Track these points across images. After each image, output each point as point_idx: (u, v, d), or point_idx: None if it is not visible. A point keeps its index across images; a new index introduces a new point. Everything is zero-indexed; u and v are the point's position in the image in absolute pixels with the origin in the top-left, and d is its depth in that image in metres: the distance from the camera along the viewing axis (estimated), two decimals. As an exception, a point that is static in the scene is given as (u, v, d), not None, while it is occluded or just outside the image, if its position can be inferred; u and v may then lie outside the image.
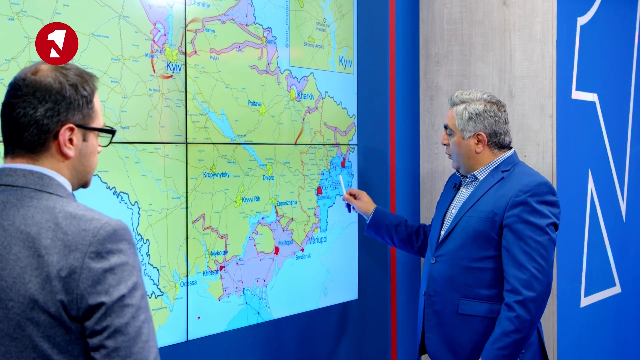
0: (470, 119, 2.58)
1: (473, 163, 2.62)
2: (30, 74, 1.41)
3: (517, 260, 2.44)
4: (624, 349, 4.05)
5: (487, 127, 2.59)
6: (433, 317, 2.60)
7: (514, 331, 2.40)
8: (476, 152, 2.59)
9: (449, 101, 2.66)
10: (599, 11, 3.66)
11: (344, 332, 3.17)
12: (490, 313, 2.51)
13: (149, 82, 2.33)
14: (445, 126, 2.65)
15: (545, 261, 2.44)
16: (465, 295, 2.54)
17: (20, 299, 1.32)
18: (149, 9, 2.33)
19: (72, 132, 1.42)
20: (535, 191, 2.48)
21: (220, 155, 2.57)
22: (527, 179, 2.52)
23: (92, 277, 1.32)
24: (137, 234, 2.29)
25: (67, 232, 1.33)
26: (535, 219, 2.46)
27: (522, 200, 2.47)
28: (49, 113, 1.39)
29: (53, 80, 1.40)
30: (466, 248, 2.54)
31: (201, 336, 2.51)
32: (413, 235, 2.89)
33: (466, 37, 3.41)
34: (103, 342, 1.32)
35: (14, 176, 1.40)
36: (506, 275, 2.46)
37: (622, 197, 4.01)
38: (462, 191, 2.67)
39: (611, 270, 3.90)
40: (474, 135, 2.59)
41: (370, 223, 2.90)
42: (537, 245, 2.44)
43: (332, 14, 3.06)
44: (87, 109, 1.44)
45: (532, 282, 2.41)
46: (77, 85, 1.42)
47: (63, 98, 1.40)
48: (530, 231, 2.44)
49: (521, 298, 2.40)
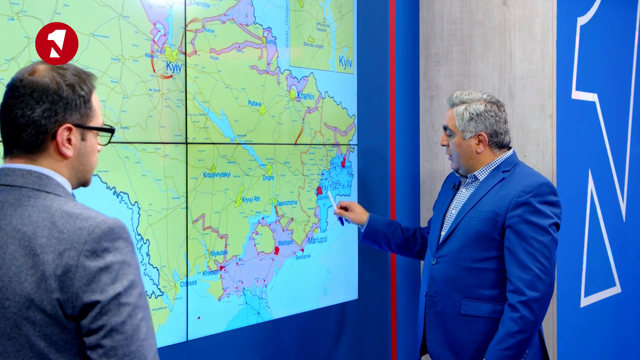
0: (472, 119, 2.58)
1: (474, 163, 2.61)
2: (27, 74, 1.41)
3: (520, 260, 2.44)
4: (624, 349, 4.05)
5: (488, 127, 2.59)
6: (434, 318, 2.60)
7: (518, 332, 2.40)
8: (477, 153, 2.59)
9: (448, 102, 2.65)
10: (599, 11, 3.66)
11: (344, 332, 3.17)
12: (492, 314, 2.51)
13: (149, 82, 2.33)
14: (445, 127, 2.64)
15: (548, 261, 2.44)
16: (467, 295, 2.54)
17: (17, 298, 1.32)
18: (149, 9, 2.33)
19: (70, 132, 1.42)
20: (538, 191, 2.48)
21: (220, 155, 2.57)
22: (529, 179, 2.52)
23: (87, 276, 1.31)
24: (137, 234, 2.29)
25: (63, 231, 1.33)
26: (538, 219, 2.46)
27: (525, 201, 2.47)
28: (46, 113, 1.39)
29: (50, 80, 1.40)
30: (468, 249, 2.53)
31: (201, 336, 2.51)
32: (410, 238, 2.88)
33: (466, 37, 3.41)
34: (100, 341, 1.31)
35: (12, 176, 1.40)
36: (509, 275, 2.46)
37: (622, 197, 4.01)
38: (462, 192, 2.67)
39: (611, 270, 3.90)
40: (475, 136, 2.59)
41: (366, 232, 2.87)
42: (539, 245, 2.44)
43: (332, 14, 3.06)
44: (84, 108, 1.44)
45: (535, 282, 2.41)
46: (74, 85, 1.42)
47: (60, 98, 1.40)
48: (533, 231, 2.45)
49: (525, 298, 2.40)
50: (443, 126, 2.66)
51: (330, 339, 3.11)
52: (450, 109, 2.63)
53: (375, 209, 3.30)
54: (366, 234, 2.87)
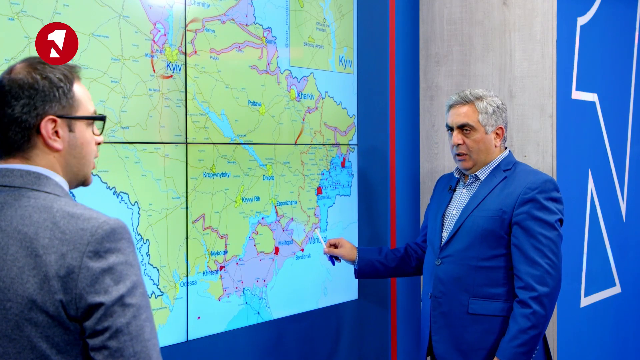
0: (494, 112, 2.61)
1: (489, 159, 2.63)
2: (6, 74, 1.42)
3: (529, 256, 2.46)
4: (624, 349, 4.05)
5: (504, 120, 2.65)
6: (440, 319, 2.59)
7: (531, 327, 2.42)
8: (495, 147, 2.62)
9: (460, 99, 2.61)
10: (599, 11, 3.66)
11: (344, 332, 3.17)
12: (501, 312, 2.51)
13: (149, 82, 2.33)
14: (462, 125, 2.59)
15: (555, 257, 2.48)
16: (475, 294, 2.54)
17: (19, 299, 1.32)
18: (149, 9, 2.33)
19: (56, 124, 1.41)
20: (543, 188, 2.51)
21: (220, 155, 2.57)
22: (533, 176, 2.56)
23: (91, 277, 1.31)
24: (137, 234, 2.29)
25: (65, 232, 1.33)
26: (545, 215, 2.49)
27: (531, 198, 2.50)
28: (25, 109, 1.39)
29: (25, 76, 1.40)
30: (475, 247, 2.54)
31: (201, 336, 2.51)
32: (404, 257, 2.85)
33: (466, 37, 3.41)
34: (105, 342, 1.31)
35: (10, 177, 1.40)
36: (518, 272, 2.48)
37: (622, 197, 4.01)
38: (462, 192, 2.66)
39: (611, 270, 3.90)
40: (494, 130, 2.61)
41: (359, 266, 2.80)
42: (547, 241, 2.47)
43: (332, 14, 3.06)
44: (65, 99, 1.43)
45: (545, 277, 2.44)
46: (51, 77, 1.41)
47: (36, 91, 1.40)
48: (540, 227, 2.48)
49: (536, 294, 2.43)
50: (458, 125, 2.60)
51: (330, 339, 3.11)
52: (466, 105, 2.60)
53: (375, 209, 3.30)
54: (360, 268, 2.81)
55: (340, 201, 3.10)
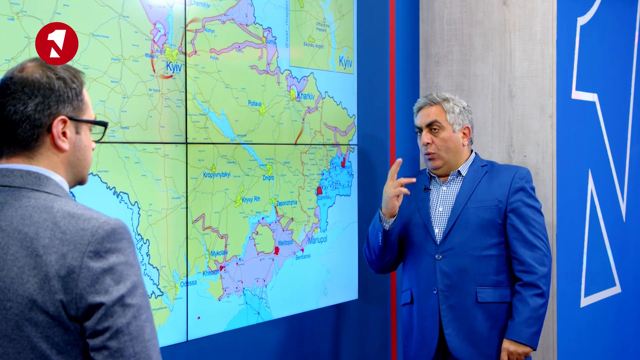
0: (461, 112, 2.77)
1: (458, 158, 2.77)
2: (17, 72, 1.42)
3: (528, 241, 2.65)
4: (624, 349, 4.05)
5: (470, 121, 2.81)
6: (449, 312, 2.67)
7: (542, 305, 2.62)
8: (463, 146, 2.77)
9: (429, 101, 2.78)
10: (599, 11, 3.66)
11: (344, 332, 3.17)
12: (504, 298, 2.67)
13: (149, 82, 2.33)
14: (429, 124, 2.74)
15: (546, 239, 2.70)
16: (481, 283, 2.66)
17: (19, 299, 1.32)
18: (149, 9, 2.33)
19: (65, 125, 1.42)
20: (527, 178, 2.74)
21: (220, 155, 2.57)
22: (515, 168, 2.78)
23: (91, 277, 1.31)
24: (137, 234, 2.29)
25: (66, 232, 1.33)
26: (533, 202, 2.72)
27: (521, 186, 2.71)
28: (39, 107, 1.39)
29: (40, 75, 1.41)
30: (476, 237, 2.67)
31: (201, 336, 2.51)
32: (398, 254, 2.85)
33: (466, 37, 3.41)
34: (105, 342, 1.31)
35: (11, 177, 1.40)
36: (518, 256, 2.65)
37: (622, 197, 4.01)
38: (442, 190, 2.76)
39: (611, 270, 3.90)
40: (461, 129, 2.76)
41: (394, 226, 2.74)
42: (539, 226, 2.69)
43: (332, 14, 3.06)
44: (77, 101, 1.44)
45: (544, 259, 2.64)
46: (66, 78, 1.43)
47: (52, 91, 1.41)
48: (533, 214, 2.69)
49: (540, 275, 2.61)
50: (426, 124, 2.76)
51: (330, 339, 3.11)
52: (434, 106, 2.76)
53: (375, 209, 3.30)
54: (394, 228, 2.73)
55: (340, 201, 3.10)
